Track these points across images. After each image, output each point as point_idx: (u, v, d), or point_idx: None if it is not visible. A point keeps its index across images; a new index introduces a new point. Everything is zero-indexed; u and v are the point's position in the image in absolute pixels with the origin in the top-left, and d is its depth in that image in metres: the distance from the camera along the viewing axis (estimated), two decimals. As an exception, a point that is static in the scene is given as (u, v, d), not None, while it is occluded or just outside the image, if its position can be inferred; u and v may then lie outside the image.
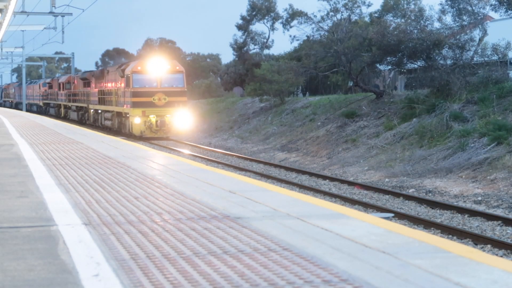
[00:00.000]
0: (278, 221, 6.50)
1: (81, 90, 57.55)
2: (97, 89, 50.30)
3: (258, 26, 73.10)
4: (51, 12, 41.23)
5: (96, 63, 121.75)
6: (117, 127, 43.98)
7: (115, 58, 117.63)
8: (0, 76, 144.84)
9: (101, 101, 48.33)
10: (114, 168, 11.65)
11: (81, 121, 56.37)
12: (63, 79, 66.82)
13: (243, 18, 74.53)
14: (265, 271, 4.64)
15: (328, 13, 49.99)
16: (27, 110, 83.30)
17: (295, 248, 5.33)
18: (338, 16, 50.37)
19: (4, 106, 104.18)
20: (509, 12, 36.23)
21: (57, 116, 66.46)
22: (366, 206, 16.35)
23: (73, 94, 61.62)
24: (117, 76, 43.68)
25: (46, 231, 6.18)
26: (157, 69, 40.51)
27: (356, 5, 51.30)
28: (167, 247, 5.46)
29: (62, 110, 67.19)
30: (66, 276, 4.60)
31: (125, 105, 41.28)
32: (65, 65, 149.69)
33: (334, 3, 50.09)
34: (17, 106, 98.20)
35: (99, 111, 49.61)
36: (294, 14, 61.96)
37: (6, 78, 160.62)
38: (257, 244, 5.51)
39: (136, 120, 40.07)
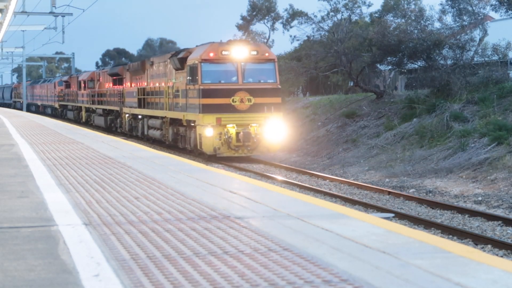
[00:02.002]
0: (278, 221, 6.50)
1: (109, 89, 45.42)
2: (135, 87, 38.57)
3: (259, 26, 72.92)
4: (51, 12, 41.21)
5: (97, 63, 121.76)
6: (172, 140, 31.85)
7: (115, 58, 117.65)
8: (0, 76, 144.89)
9: (143, 104, 36.34)
10: (115, 168, 11.65)
11: (110, 129, 45.05)
12: (84, 76, 54.87)
13: (243, 18, 74.50)
14: (266, 271, 4.64)
15: (328, 13, 50.00)
16: (40, 113, 72.25)
17: (296, 248, 5.33)
18: (339, 16, 50.39)
19: (15, 108, 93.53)
20: (510, 12, 36.23)
21: (77, 121, 55.69)
22: (367, 206, 16.35)
23: (98, 94, 49.39)
24: (168, 69, 32.35)
25: (46, 231, 6.19)
26: (238, 56, 27.51)
27: (356, 5, 51.31)
28: (167, 247, 5.46)
29: (84, 114, 54.66)
30: (67, 276, 4.60)
31: (187, 110, 28.75)
32: (65, 65, 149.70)
33: (335, 3, 50.10)
34: (29, 107, 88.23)
35: (139, 116, 37.46)
36: (295, 14, 61.95)
37: (6, 78, 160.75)
38: (257, 244, 5.51)
39: (207, 132, 27.07)
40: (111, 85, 45.07)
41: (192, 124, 28.36)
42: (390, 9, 56.03)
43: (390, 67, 40.42)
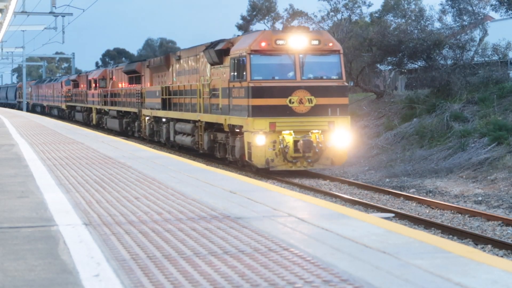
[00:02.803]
0: (278, 221, 6.50)
1: (125, 89, 40.22)
2: (157, 86, 33.47)
3: (259, 26, 73.00)
4: (51, 12, 41.21)
5: (97, 63, 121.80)
6: (208, 149, 26.53)
7: (115, 58, 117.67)
8: (1, 76, 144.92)
9: (168, 105, 31.34)
10: (115, 168, 11.65)
11: (125, 133, 40.48)
12: (95, 74, 49.43)
13: (243, 18, 74.52)
14: (266, 271, 4.64)
15: (328, 13, 50.05)
16: (45, 114, 67.73)
17: (296, 248, 5.33)
18: (339, 16, 50.43)
19: (19, 108, 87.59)
20: (510, 12, 36.24)
21: (86, 124, 50.73)
22: (367, 206, 16.35)
23: (111, 94, 44.12)
24: (201, 64, 27.28)
25: (46, 231, 6.19)
26: (296, 46, 22.46)
27: (356, 5, 51.35)
28: (167, 247, 5.46)
29: (94, 115, 49.41)
30: (67, 276, 4.60)
31: (230, 112, 23.68)
32: (65, 65, 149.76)
33: (335, 3, 50.14)
34: (34, 108, 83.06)
35: (164, 119, 32.56)
36: (295, 14, 61.94)
37: (6, 78, 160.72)
38: (257, 244, 5.51)
39: (259, 140, 21.93)
40: (126, 84, 40.14)
41: (237, 130, 23.01)
42: (390, 9, 56.05)
43: (390, 67, 40.42)
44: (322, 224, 6.25)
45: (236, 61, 23.01)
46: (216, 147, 25.93)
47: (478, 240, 12.69)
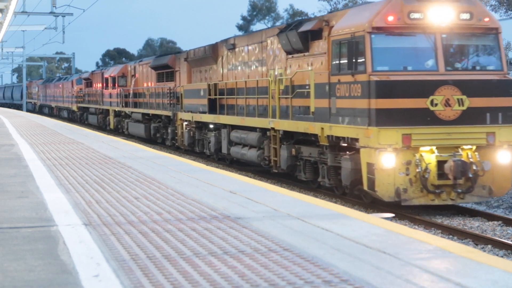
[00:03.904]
0: (278, 221, 6.50)
1: (153, 88, 33.85)
2: (201, 84, 26.57)
3: (259, 26, 73.25)
4: (51, 12, 41.20)
5: (97, 63, 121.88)
6: (287, 168, 18.90)
7: (115, 58, 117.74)
8: (1, 76, 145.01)
9: (218, 107, 24.63)
10: (115, 168, 11.65)
11: (154, 140, 33.93)
12: (113, 71, 42.35)
13: (243, 18, 74.62)
14: (266, 272, 4.64)
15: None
16: (54, 116, 62.54)
17: (296, 249, 5.32)
18: (339, 16, 50.49)
19: (26, 109, 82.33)
20: (509, 12, 36.23)
21: (102, 128, 44.30)
22: (367, 207, 16.33)
23: (134, 94, 37.55)
24: (270, 53, 20.56)
25: (46, 231, 6.18)
26: (437, 22, 15.62)
27: (356, 5, 51.39)
28: (167, 247, 5.46)
29: (112, 119, 42.37)
30: (66, 276, 4.60)
31: (331, 119, 16.37)
32: (65, 65, 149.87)
33: (335, 3, 50.18)
34: (41, 109, 75.66)
35: (211, 126, 25.50)
36: (295, 14, 62.05)
37: (6, 78, 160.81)
38: (257, 245, 5.51)
39: (386, 161, 14.72)
40: (154, 81, 33.85)
41: (344, 145, 15.90)
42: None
43: None
44: (322, 224, 6.25)
45: (344, 45, 15.85)
46: (299, 166, 18.46)
47: (478, 240, 12.68)
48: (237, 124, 22.31)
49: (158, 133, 33.09)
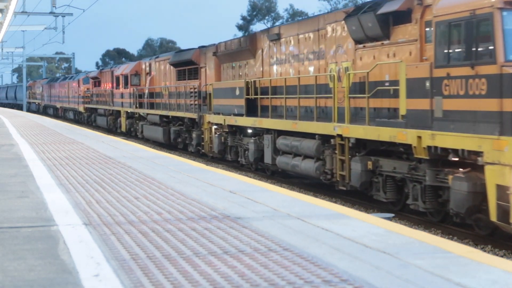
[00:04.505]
0: (278, 221, 6.50)
1: (172, 86, 30.23)
2: (234, 82, 22.87)
3: (259, 26, 73.33)
4: (51, 12, 41.22)
5: (97, 63, 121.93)
6: (361, 185, 15.13)
7: (115, 58, 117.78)
8: (1, 76, 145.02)
9: (259, 109, 20.85)
10: (115, 168, 11.65)
11: (174, 145, 30.50)
12: (124, 69, 38.97)
13: (243, 18, 74.62)
14: (266, 271, 4.64)
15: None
16: (59, 117, 58.79)
17: (296, 248, 5.33)
18: (339, 16, 50.49)
19: (29, 110, 78.17)
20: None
21: (111, 131, 41.28)
22: (367, 206, 16.34)
23: (150, 94, 33.99)
24: (328, 43, 17.36)
25: (46, 231, 6.18)
26: None
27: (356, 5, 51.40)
28: (167, 247, 5.46)
29: (124, 121, 38.88)
30: (66, 276, 4.60)
31: (433, 124, 12.49)
32: (65, 65, 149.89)
33: (335, 3, 50.18)
34: (46, 110, 72.07)
35: (250, 130, 21.77)
36: (295, 14, 62.06)
37: (6, 78, 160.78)
38: (257, 244, 5.51)
39: None
40: (174, 79, 30.40)
41: (454, 159, 12.20)
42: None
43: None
44: (322, 224, 6.25)
45: (456, 27, 12.28)
46: (376, 184, 14.81)
47: (478, 240, 12.68)
48: (287, 130, 18.41)
49: (179, 138, 29.51)
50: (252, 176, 20.39)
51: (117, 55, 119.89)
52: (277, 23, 71.12)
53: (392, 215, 14.06)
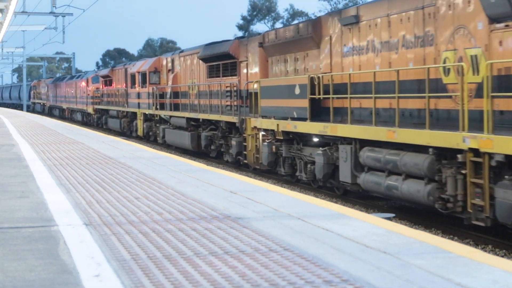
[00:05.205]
0: (279, 221, 6.50)
1: (203, 84, 26.28)
2: (292, 78, 18.55)
3: (259, 26, 73.32)
4: (51, 12, 41.24)
5: (97, 63, 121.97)
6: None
7: (115, 58, 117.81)
8: (1, 76, 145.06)
9: (317, 111, 17.23)
10: (115, 168, 11.65)
11: (206, 152, 26.38)
12: (141, 66, 34.72)
13: (243, 18, 74.61)
14: (266, 272, 4.64)
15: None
16: (65, 119, 55.74)
17: (296, 249, 5.33)
18: (339, 16, 50.54)
19: (33, 111, 74.01)
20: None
21: (126, 134, 37.88)
22: (367, 206, 16.34)
23: (174, 94, 29.84)
24: (440, 24, 13.03)
25: (46, 231, 6.18)
26: None
27: (356, 5, 51.43)
28: (168, 247, 5.46)
29: (141, 124, 35.05)
30: (67, 276, 4.60)
31: None
32: (65, 65, 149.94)
33: (335, 3, 50.19)
34: (51, 111, 67.66)
35: (316, 139, 17.32)
36: (295, 14, 62.08)
37: (6, 78, 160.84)
38: (258, 245, 5.51)
39: None
40: (205, 77, 26.39)
41: None
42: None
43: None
44: (323, 224, 6.25)
45: None
46: None
47: (479, 240, 12.68)
48: (378, 140, 13.96)
49: (213, 145, 25.39)
50: (252, 176, 20.31)
51: (117, 55, 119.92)
52: (277, 23, 71.07)
53: (393, 215, 14.06)
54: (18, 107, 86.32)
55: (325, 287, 4.26)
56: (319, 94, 16.69)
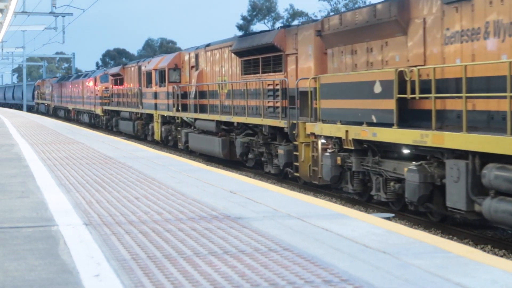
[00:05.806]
0: (278, 221, 6.50)
1: (237, 83, 22.54)
2: (358, 74, 14.56)
3: (259, 26, 73.29)
4: (51, 12, 41.22)
5: (97, 63, 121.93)
6: None
7: (115, 58, 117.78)
8: (1, 76, 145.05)
9: (406, 115, 13.03)
10: (115, 168, 11.66)
11: (242, 161, 22.60)
12: (158, 62, 31.15)
13: (243, 18, 74.58)
14: (266, 271, 4.65)
15: (328, 13, 50.12)
16: (71, 120, 53.27)
17: (296, 248, 5.33)
18: (339, 16, 50.55)
19: (38, 112, 70.72)
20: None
21: (140, 138, 34.67)
22: (367, 206, 16.34)
23: (200, 93, 26.11)
24: None
25: (46, 231, 6.19)
26: None
27: (357, 5, 51.42)
28: (167, 247, 5.47)
29: (158, 127, 31.33)
30: (67, 276, 4.61)
31: None
32: (65, 65, 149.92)
33: (335, 3, 50.20)
34: (56, 112, 63.61)
35: (406, 151, 13.11)
36: (295, 14, 62.07)
37: (6, 79, 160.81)
38: (257, 244, 5.52)
39: None
40: (239, 73, 22.52)
41: None
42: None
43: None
44: (322, 224, 6.26)
45: None
46: None
47: (478, 240, 12.68)
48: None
49: (251, 153, 21.53)
50: (252, 176, 20.20)
51: (117, 55, 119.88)
52: (277, 23, 70.97)
53: (392, 215, 14.07)
54: (22, 107, 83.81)
55: (324, 286, 4.27)
56: (411, 93, 12.66)
